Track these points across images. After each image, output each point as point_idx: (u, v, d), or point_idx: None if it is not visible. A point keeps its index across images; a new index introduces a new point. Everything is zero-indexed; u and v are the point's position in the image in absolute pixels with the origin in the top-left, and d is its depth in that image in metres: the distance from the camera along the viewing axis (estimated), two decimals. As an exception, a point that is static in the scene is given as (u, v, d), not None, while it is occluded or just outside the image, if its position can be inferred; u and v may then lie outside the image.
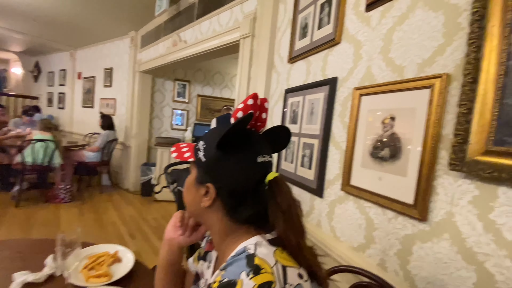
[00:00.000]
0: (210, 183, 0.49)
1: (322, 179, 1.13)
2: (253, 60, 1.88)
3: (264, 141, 0.53)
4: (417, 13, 0.77)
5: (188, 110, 4.71)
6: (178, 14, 3.02)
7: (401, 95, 0.80)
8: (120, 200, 3.77)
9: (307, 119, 1.26)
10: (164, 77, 4.47)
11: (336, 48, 1.12)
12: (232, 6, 2.18)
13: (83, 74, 5.55)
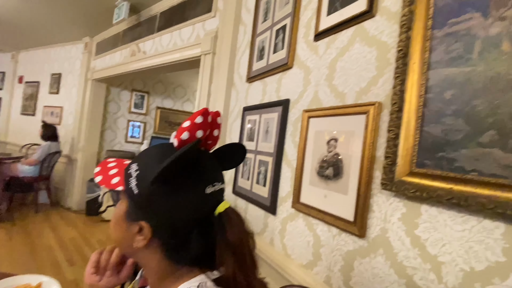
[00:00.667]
0: (144, 221, 0.42)
1: (275, 196, 1.15)
2: (214, 76, 1.89)
3: (215, 165, 0.47)
4: (356, 47, 0.86)
5: (146, 122, 4.48)
6: (138, 25, 2.93)
7: (343, 119, 0.86)
8: (59, 221, 3.34)
9: (263, 137, 1.29)
10: (121, 87, 4.23)
11: (288, 72, 1.18)
12: (194, 22, 2.19)
13: (26, 78, 4.98)
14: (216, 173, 0.46)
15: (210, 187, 0.42)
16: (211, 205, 0.43)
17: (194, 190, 0.42)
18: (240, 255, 0.41)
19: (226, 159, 0.52)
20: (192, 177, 0.42)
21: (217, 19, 1.97)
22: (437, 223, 0.61)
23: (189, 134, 0.42)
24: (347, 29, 0.90)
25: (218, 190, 0.44)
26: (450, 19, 0.63)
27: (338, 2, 0.92)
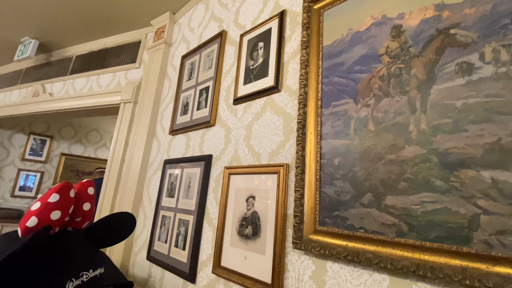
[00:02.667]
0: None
1: (196, 261, 1.06)
2: (133, 125, 1.79)
3: (82, 248, 0.40)
4: (267, 114, 0.98)
5: (44, 171, 3.71)
6: (47, 64, 2.62)
7: (259, 177, 0.92)
8: None
9: (184, 193, 1.23)
10: (15, 129, 3.50)
11: (211, 129, 1.23)
12: (116, 70, 2.11)
13: None
14: (84, 260, 0.39)
15: (73, 281, 0.35)
16: None
17: None
18: None
19: (110, 232, 0.46)
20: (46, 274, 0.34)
21: (141, 70, 1.95)
22: (340, 279, 0.67)
23: (37, 219, 0.36)
24: (260, 98, 1.03)
25: (87, 281, 0.37)
26: (333, 102, 0.79)
27: (252, 75, 1.06)
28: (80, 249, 0.39)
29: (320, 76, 0.84)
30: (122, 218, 0.49)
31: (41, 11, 2.07)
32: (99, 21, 2.11)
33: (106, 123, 4.02)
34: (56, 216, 0.36)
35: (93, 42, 2.37)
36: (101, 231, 0.44)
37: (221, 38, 1.31)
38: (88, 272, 0.38)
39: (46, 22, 2.21)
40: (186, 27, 1.70)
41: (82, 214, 0.42)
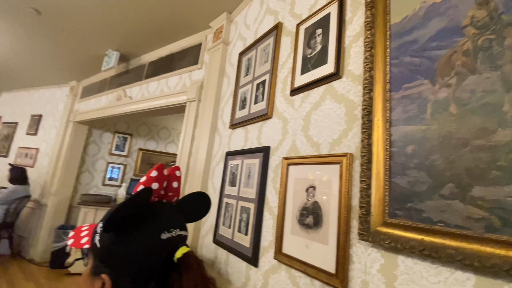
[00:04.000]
0: (105, 273, 0.42)
1: (258, 247, 1.11)
2: (198, 122, 1.95)
3: (175, 213, 0.49)
4: (327, 103, 0.95)
5: (126, 164, 4.37)
6: (126, 72, 3.06)
7: (319, 168, 0.91)
8: (18, 275, 2.95)
9: (245, 182, 1.30)
10: (103, 129, 4.20)
11: (268, 121, 1.26)
12: (181, 72, 2.33)
13: (4, 118, 4.85)
14: (174, 221, 0.48)
15: (165, 233, 0.44)
16: (168, 251, 0.44)
17: (148, 237, 0.43)
18: None
19: (191, 209, 0.54)
20: (146, 224, 0.44)
21: (203, 71, 2.11)
22: (413, 275, 0.62)
23: (143, 186, 0.46)
24: (319, 87, 1.00)
25: (176, 236, 0.46)
26: (404, 84, 0.72)
27: (310, 64, 1.04)
28: (171, 213, 0.49)
29: (388, 57, 0.77)
30: (202, 196, 0.56)
31: (121, 26, 2.42)
32: (166, 29, 2.35)
33: (173, 121, 4.48)
34: (155, 187, 0.46)
35: (162, 49, 2.66)
36: (185, 205, 0.52)
37: (277, 31, 1.32)
38: (176, 230, 0.46)
39: (125, 36, 2.57)
40: (242, 25, 1.76)
41: (172, 190, 0.51)
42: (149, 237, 0.43)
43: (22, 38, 2.95)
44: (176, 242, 0.45)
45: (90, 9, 2.24)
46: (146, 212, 0.44)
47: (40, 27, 2.63)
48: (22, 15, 2.46)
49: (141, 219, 0.43)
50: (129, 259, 0.42)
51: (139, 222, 0.43)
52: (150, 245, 0.43)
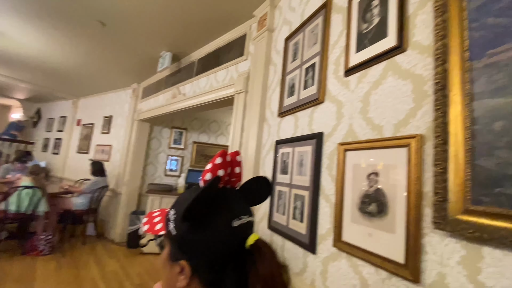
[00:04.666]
0: (183, 260, 0.44)
1: (314, 234, 1.10)
2: (246, 112, 1.99)
3: (241, 199, 0.50)
4: (389, 80, 0.87)
5: (183, 156, 4.75)
6: (179, 71, 3.27)
7: (382, 152, 0.84)
8: (103, 253, 3.52)
9: (297, 170, 1.29)
10: (162, 125, 4.61)
11: (320, 106, 1.21)
12: (228, 66, 2.39)
13: (83, 121, 5.71)
14: (242, 207, 0.48)
15: (236, 220, 0.45)
16: (240, 238, 0.44)
17: (222, 225, 0.44)
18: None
19: (253, 194, 0.55)
20: (218, 212, 0.45)
21: (248, 62, 2.13)
22: (503, 267, 0.54)
23: (211, 174, 0.47)
24: (378, 64, 0.92)
25: (246, 223, 0.47)
26: (488, 50, 0.61)
27: (367, 40, 0.96)
28: (238, 199, 0.50)
29: (466, 20, 0.66)
30: (264, 180, 0.57)
31: (172, 28, 2.58)
32: (212, 25, 2.43)
33: (222, 115, 4.68)
34: (221, 173, 0.48)
35: (209, 45, 2.76)
36: (248, 190, 0.54)
37: (325, 9, 1.24)
38: (245, 216, 0.47)
39: (175, 36, 2.74)
40: (286, 9, 1.71)
41: (235, 176, 0.52)
42: (222, 224, 0.44)
43: (91, 50, 3.39)
44: (246, 229, 0.47)
45: (145, 16, 2.44)
46: (217, 200, 0.46)
47: (105, 38, 2.98)
48: (90, 29, 2.81)
49: (213, 207, 0.45)
50: (205, 246, 0.44)
51: (212, 210, 0.45)
52: (223, 232, 0.44)
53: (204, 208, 0.44)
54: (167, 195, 3.76)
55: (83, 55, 3.59)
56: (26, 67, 4.35)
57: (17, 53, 3.77)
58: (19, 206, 3.03)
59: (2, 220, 3.02)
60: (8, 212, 2.98)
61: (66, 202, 3.69)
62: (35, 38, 3.21)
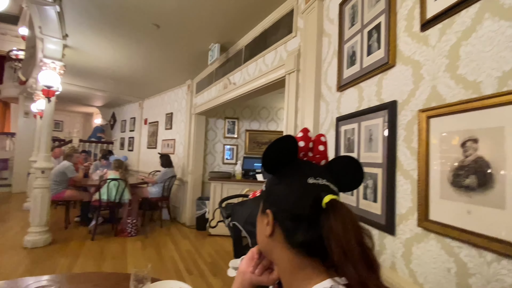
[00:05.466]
0: (268, 209, 0.49)
1: (392, 214, 1.00)
2: (300, 92, 1.92)
3: (322, 168, 0.51)
4: (485, 25, 0.70)
5: (237, 145, 4.92)
6: (227, 61, 3.34)
7: (482, 114, 0.69)
8: (177, 234, 3.95)
9: (366, 146, 1.18)
10: (216, 117, 4.83)
11: (390, 71, 1.07)
12: (276, 46, 2.32)
13: (149, 120, 6.39)
14: (320, 172, 0.49)
15: (312, 179, 0.47)
16: (315, 195, 0.45)
17: (297, 179, 0.48)
18: (347, 245, 0.39)
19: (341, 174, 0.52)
20: (295, 169, 0.49)
21: (298, 38, 2.02)
22: None
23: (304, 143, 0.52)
24: (469, 7, 0.75)
25: (322, 184, 0.47)
26: None
27: (452, -20, 0.78)
28: (319, 167, 0.52)
29: None
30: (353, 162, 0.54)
31: (218, 19, 2.62)
32: (256, 7, 2.37)
33: (271, 100, 4.65)
34: (301, 144, 0.51)
35: (255, 29, 2.72)
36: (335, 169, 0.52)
37: (390, -42, 1.07)
38: (323, 180, 0.47)
39: (222, 26, 2.78)
40: (338, -29, 1.54)
41: (319, 153, 0.54)
42: (297, 179, 0.48)
43: (149, 53, 3.70)
44: (322, 190, 0.46)
45: (193, 12, 2.52)
46: (296, 160, 0.50)
47: (160, 39, 3.21)
48: (147, 32, 3.05)
49: (293, 164, 0.49)
50: (282, 196, 0.48)
51: (291, 166, 0.49)
52: (299, 186, 0.47)
53: (280, 162, 0.48)
54: (227, 181, 3.97)
55: (143, 59, 3.95)
56: (100, 77, 5.02)
57: (92, 66, 4.37)
58: (108, 196, 3.60)
59: (98, 208, 3.63)
60: (102, 201, 3.57)
61: (144, 191, 4.22)
62: (105, 48, 3.66)
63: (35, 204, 3.12)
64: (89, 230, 3.72)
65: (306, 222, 0.45)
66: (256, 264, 0.56)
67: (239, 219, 1.44)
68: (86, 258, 2.91)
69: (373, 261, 0.40)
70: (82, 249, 3.14)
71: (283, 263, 0.48)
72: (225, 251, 3.35)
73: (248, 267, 0.57)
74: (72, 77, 5.00)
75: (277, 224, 0.48)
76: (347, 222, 0.41)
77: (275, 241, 0.49)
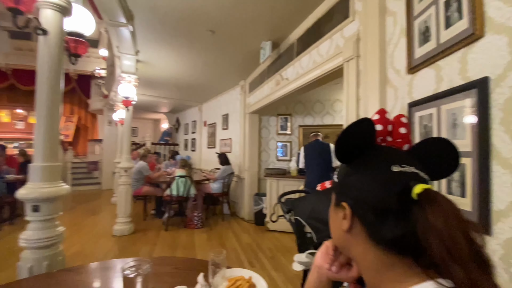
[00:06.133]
0: (344, 201, 0.45)
1: (487, 210, 0.85)
2: (361, 80, 1.79)
3: (406, 154, 0.45)
4: None
5: (291, 141, 4.88)
6: (279, 57, 3.33)
7: None
8: (238, 228, 4.14)
9: (449, 133, 1.03)
10: (268, 114, 4.89)
11: (478, 43, 0.90)
12: (331, 34, 2.21)
13: (208, 121, 6.86)
14: (406, 158, 0.43)
15: (397, 166, 0.41)
16: (402, 185, 0.39)
17: (378, 167, 0.42)
18: (452, 242, 0.33)
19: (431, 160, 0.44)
20: (375, 155, 0.44)
21: (356, 22, 1.88)
22: None
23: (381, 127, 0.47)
24: None
25: (410, 172, 0.41)
26: None
27: None
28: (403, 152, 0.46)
29: None
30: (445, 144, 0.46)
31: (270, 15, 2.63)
32: (308, -3, 2.30)
33: (325, 93, 4.47)
34: (379, 128, 0.46)
35: (306, 20, 2.65)
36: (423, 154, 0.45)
37: None
38: (410, 167, 0.41)
39: (273, 22, 2.79)
40: None
41: (400, 137, 0.48)
42: (379, 167, 0.42)
43: (205, 58, 3.96)
44: (410, 178, 0.40)
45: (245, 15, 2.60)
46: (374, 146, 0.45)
47: (215, 44, 3.40)
48: (203, 39, 3.26)
49: (371, 151, 0.44)
50: (362, 187, 0.43)
51: (370, 153, 0.44)
52: (381, 176, 0.41)
53: (356, 148, 0.44)
54: (282, 178, 3.98)
55: (201, 65, 4.25)
56: (165, 86, 5.60)
57: (158, 76, 4.91)
58: (178, 191, 4.00)
59: (169, 202, 4.07)
60: (172, 196, 3.99)
61: (206, 187, 4.55)
62: (168, 59, 4.06)
63: (120, 199, 3.68)
64: (162, 222, 4.20)
65: (393, 217, 0.39)
66: (331, 260, 0.53)
67: (301, 213, 1.43)
68: (162, 246, 3.30)
69: (486, 261, 0.34)
70: (158, 238, 3.57)
71: (366, 261, 0.43)
72: (285, 246, 3.37)
73: (324, 261, 0.54)
74: (143, 88, 5.71)
75: (356, 218, 0.43)
76: (449, 215, 0.35)
77: (354, 237, 0.44)
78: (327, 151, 3.35)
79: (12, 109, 9.35)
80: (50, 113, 1.37)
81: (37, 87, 1.36)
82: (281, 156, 4.88)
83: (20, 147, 7.63)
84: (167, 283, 0.94)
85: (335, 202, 0.48)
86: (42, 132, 1.35)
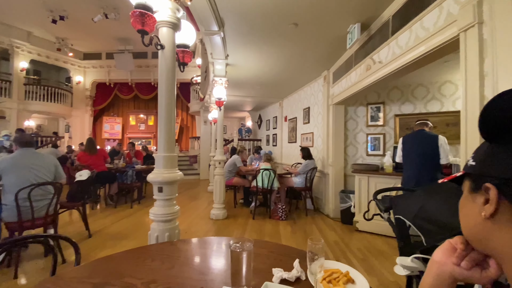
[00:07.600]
0: (488, 182, 0.38)
1: None
2: (488, 51, 1.41)
3: None
4: None
5: (384, 133, 4.34)
6: (369, 39, 3.01)
7: None
8: (322, 224, 4.02)
9: None
10: (356, 104, 4.51)
11: None
12: (440, 2, 1.83)
13: (288, 117, 6.92)
14: None
15: None
16: None
17: None
18: None
19: None
20: None
21: (480, -22, 1.49)
22: None
23: None
24: None
25: None
26: None
27: None
28: None
29: None
30: None
31: (358, -6, 2.40)
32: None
33: (429, 75, 3.77)
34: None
35: (404, -9, 2.28)
36: None
37: None
38: None
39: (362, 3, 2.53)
40: None
41: None
42: None
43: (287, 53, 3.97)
44: None
45: None
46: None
47: (297, 37, 3.36)
48: (286, 33, 3.28)
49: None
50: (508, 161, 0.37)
51: None
52: None
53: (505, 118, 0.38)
54: (374, 174, 3.60)
55: (282, 61, 4.30)
56: (249, 85, 5.95)
57: (244, 77, 5.25)
58: (262, 183, 4.21)
59: (255, 193, 4.33)
60: (258, 187, 4.23)
61: (289, 181, 4.61)
62: (252, 59, 4.29)
63: (215, 187, 4.16)
64: (250, 210, 4.51)
65: None
66: (462, 256, 0.44)
67: (405, 213, 1.26)
68: (251, 232, 3.55)
69: None
70: (247, 225, 3.86)
71: None
72: (377, 249, 3.06)
73: (448, 257, 0.45)
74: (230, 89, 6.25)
75: (505, 201, 0.37)
76: None
77: (499, 224, 0.38)
78: (434, 144, 2.67)
79: (137, 115, 11.97)
80: (168, 114, 1.67)
81: (158, 94, 1.68)
82: (371, 151, 4.43)
83: (142, 144, 9.72)
84: (265, 264, 1.00)
85: (472, 187, 0.42)
86: (163, 130, 1.66)
